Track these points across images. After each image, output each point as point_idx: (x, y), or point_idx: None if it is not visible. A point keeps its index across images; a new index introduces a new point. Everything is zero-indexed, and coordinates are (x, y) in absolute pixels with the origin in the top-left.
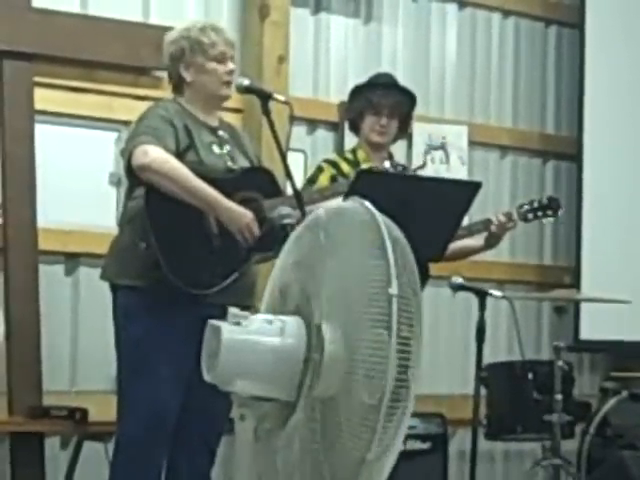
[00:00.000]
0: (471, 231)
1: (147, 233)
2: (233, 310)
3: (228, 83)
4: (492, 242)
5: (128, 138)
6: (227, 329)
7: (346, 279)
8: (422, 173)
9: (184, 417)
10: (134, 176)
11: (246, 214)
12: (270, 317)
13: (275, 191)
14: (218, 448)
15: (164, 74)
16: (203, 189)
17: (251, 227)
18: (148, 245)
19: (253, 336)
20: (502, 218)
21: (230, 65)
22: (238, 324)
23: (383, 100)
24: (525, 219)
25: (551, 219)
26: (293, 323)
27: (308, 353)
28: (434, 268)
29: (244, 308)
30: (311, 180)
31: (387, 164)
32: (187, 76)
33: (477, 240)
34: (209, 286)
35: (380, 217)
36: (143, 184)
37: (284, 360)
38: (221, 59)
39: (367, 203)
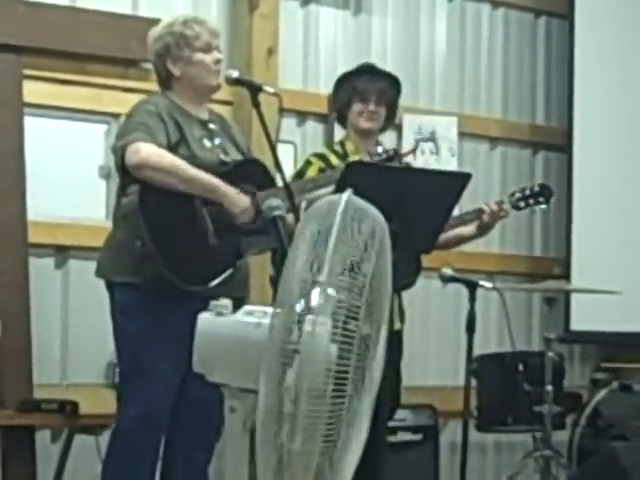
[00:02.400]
0: (463, 221)
1: (142, 231)
2: (215, 302)
3: (217, 72)
4: (484, 230)
5: (118, 135)
6: (203, 320)
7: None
8: (412, 159)
9: (180, 412)
10: (127, 173)
11: (245, 199)
12: (253, 308)
13: (268, 182)
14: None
15: None
16: (202, 176)
17: (247, 211)
18: (143, 243)
19: (228, 327)
20: (494, 207)
21: (217, 54)
22: (220, 314)
23: (369, 86)
24: (517, 207)
25: (543, 206)
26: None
27: (284, 345)
28: (424, 260)
29: (238, 300)
30: (299, 174)
31: (379, 149)
32: (175, 71)
33: (469, 228)
34: (205, 282)
35: (343, 205)
36: (136, 181)
37: (259, 351)
38: (207, 49)
39: (347, 193)
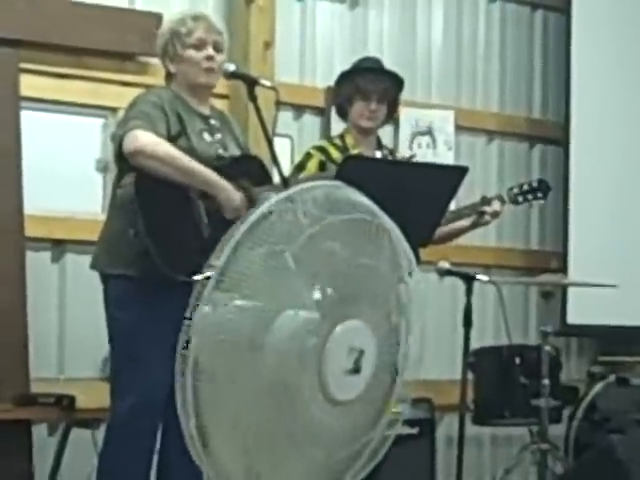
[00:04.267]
0: (460, 215)
1: (136, 220)
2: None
3: (208, 70)
4: (481, 224)
5: (118, 124)
6: (199, 313)
7: None
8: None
9: (175, 405)
10: (124, 162)
11: (238, 195)
12: (245, 303)
13: (265, 178)
14: None
15: (150, 60)
16: (198, 168)
17: (239, 209)
18: (137, 232)
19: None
20: (497, 207)
21: (209, 50)
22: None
23: (372, 86)
24: (515, 202)
25: (541, 201)
26: None
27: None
28: (421, 253)
29: None
30: (300, 167)
31: (378, 154)
32: (171, 68)
33: (464, 221)
34: (195, 274)
35: (279, 197)
36: (133, 170)
37: None
38: (199, 46)
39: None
